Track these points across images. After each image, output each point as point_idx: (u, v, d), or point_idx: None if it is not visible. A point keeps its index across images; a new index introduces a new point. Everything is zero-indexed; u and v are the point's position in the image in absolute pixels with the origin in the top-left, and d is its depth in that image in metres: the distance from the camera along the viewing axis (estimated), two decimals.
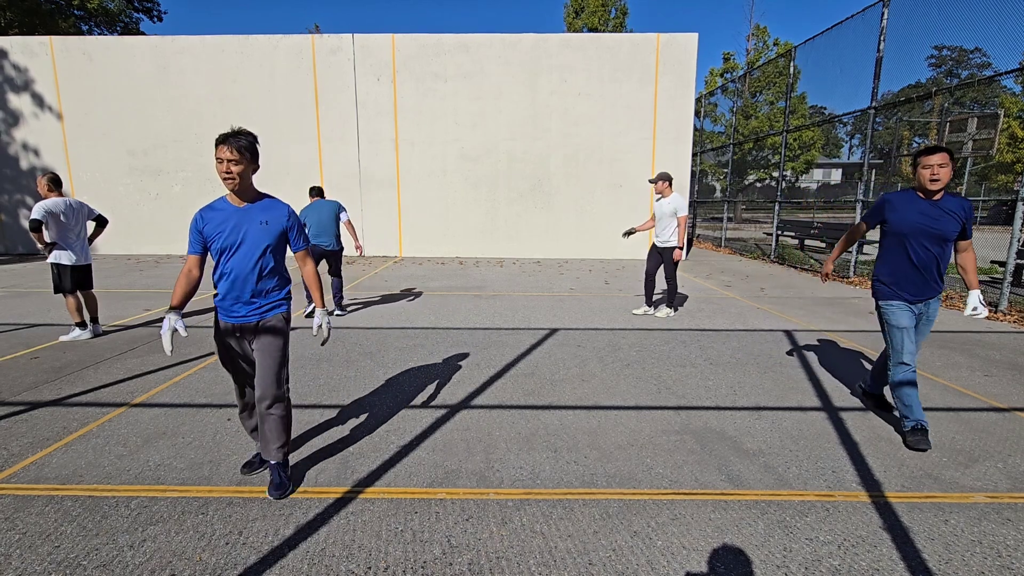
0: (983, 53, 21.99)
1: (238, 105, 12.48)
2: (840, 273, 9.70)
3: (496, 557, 2.11)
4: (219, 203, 2.47)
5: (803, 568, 2.05)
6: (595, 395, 3.87)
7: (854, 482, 2.68)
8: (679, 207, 6.03)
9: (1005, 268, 6.69)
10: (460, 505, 2.46)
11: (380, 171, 12.76)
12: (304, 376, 4.23)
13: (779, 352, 4.96)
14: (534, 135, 12.56)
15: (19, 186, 12.94)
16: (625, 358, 4.76)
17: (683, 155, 12.47)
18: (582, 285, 8.75)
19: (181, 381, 4.08)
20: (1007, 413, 3.58)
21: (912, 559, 2.11)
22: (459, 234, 12.99)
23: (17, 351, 4.85)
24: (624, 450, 3.01)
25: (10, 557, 2.09)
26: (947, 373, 4.39)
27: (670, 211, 6.06)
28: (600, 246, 12.89)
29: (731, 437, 3.18)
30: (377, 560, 2.09)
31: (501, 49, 12.26)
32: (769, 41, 26.55)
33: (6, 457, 2.89)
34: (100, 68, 12.42)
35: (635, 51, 12.17)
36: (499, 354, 4.84)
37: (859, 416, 3.51)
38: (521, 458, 2.91)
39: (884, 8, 8.54)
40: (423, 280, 9.15)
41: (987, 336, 5.61)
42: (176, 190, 12.72)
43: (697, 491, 2.59)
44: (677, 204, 6.04)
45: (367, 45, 12.27)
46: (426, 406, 3.64)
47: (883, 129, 28.18)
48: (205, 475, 2.71)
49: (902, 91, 13.89)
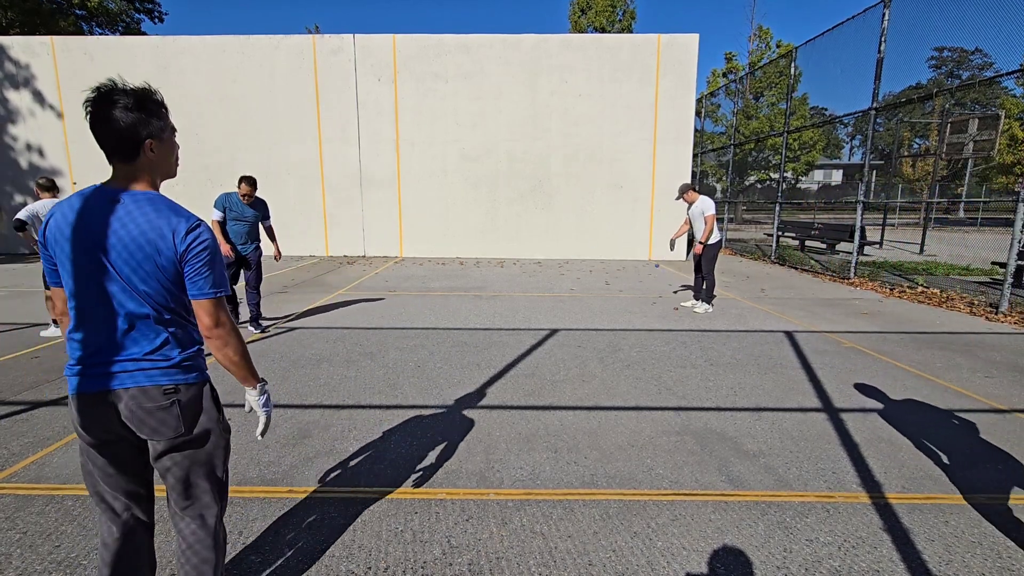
0: (984, 54, 22.00)
1: (239, 105, 12.49)
2: (840, 274, 9.70)
3: (496, 557, 2.11)
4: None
5: (803, 569, 2.05)
6: (595, 396, 3.86)
7: (854, 483, 2.68)
8: (706, 207, 6.55)
9: (1006, 269, 6.68)
10: (460, 505, 2.46)
11: (380, 171, 12.77)
12: (304, 376, 4.23)
13: (779, 353, 4.96)
14: (534, 135, 12.56)
15: (20, 186, 12.96)
16: (625, 359, 4.76)
17: (684, 156, 12.47)
18: (582, 286, 8.75)
19: None
20: (1008, 414, 3.58)
21: (912, 560, 2.11)
22: (459, 234, 13.00)
23: (18, 351, 4.86)
24: (624, 451, 3.01)
25: (11, 556, 2.09)
26: (948, 374, 4.39)
27: (699, 212, 6.60)
28: (600, 246, 12.89)
29: (731, 438, 3.18)
30: (377, 560, 2.09)
31: (502, 49, 12.27)
32: (772, 42, 26.57)
33: (7, 456, 2.89)
34: (101, 68, 12.43)
35: (636, 52, 12.17)
36: (499, 354, 4.84)
37: (860, 417, 3.50)
38: (521, 458, 2.91)
39: (885, 9, 8.54)
40: (423, 280, 9.15)
41: (988, 337, 5.61)
42: (177, 190, 12.71)
43: (697, 492, 2.59)
44: (704, 205, 6.57)
45: (368, 45, 12.28)
46: (426, 406, 3.64)
47: (884, 130, 28.19)
48: None
49: (903, 92, 13.91)
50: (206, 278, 1.44)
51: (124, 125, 1.37)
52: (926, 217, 15.55)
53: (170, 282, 1.43)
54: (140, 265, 1.38)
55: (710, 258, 6.65)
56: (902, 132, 25.28)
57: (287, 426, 3.29)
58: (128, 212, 1.39)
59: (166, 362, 1.45)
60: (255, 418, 1.40)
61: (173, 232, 1.39)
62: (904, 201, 21.77)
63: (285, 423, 3.34)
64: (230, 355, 1.51)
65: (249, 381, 1.59)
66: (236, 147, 12.60)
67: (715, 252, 6.67)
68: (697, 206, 6.60)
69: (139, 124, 1.39)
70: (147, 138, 1.41)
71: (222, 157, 12.65)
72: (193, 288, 1.44)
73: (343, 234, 12.98)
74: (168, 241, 1.39)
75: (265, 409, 1.63)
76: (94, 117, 1.37)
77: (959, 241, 16.32)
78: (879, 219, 19.36)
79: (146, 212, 1.40)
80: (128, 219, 1.38)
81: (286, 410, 3.55)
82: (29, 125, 12.71)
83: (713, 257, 6.65)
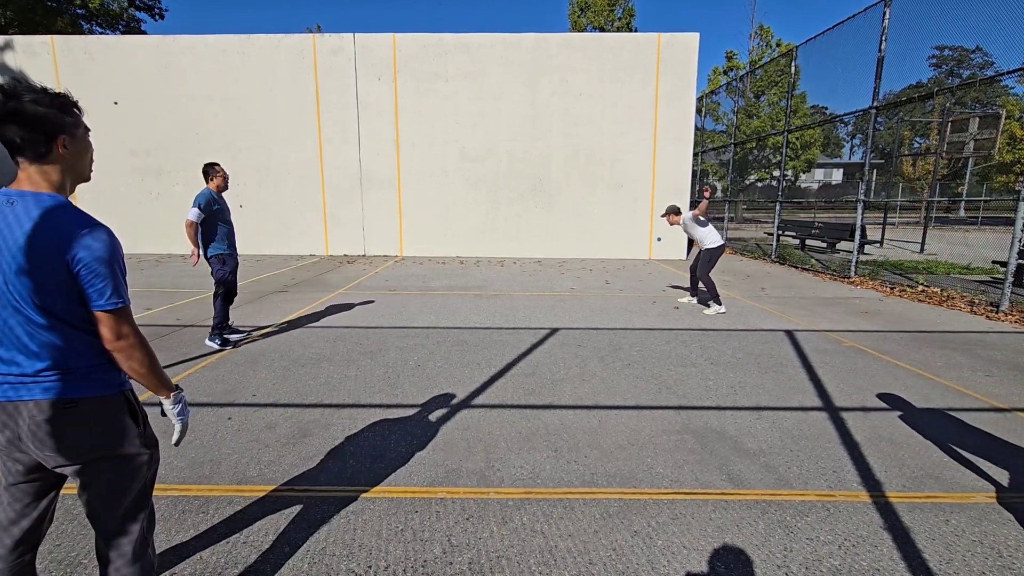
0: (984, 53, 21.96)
1: (239, 105, 12.49)
2: (841, 273, 9.69)
3: (496, 556, 2.11)
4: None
5: (804, 568, 2.05)
6: (596, 395, 3.86)
7: (855, 482, 2.68)
8: (686, 220, 6.86)
9: (1006, 268, 6.68)
10: (460, 504, 2.46)
11: (381, 171, 12.76)
12: (304, 375, 4.23)
13: (780, 352, 4.96)
14: (535, 135, 12.56)
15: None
16: (626, 358, 4.76)
17: (684, 155, 12.46)
18: (583, 285, 8.75)
19: (181, 381, 4.08)
20: (1008, 413, 3.57)
21: (913, 559, 2.11)
22: (460, 234, 12.99)
23: None
24: (625, 450, 3.01)
25: None
26: (948, 373, 4.39)
27: (685, 227, 6.95)
28: (601, 246, 12.88)
29: (732, 437, 3.18)
30: (378, 559, 2.09)
31: (502, 49, 12.26)
32: (772, 41, 26.55)
33: None
34: (102, 67, 12.43)
35: (636, 51, 12.16)
36: (500, 354, 4.84)
37: (860, 416, 3.50)
38: (521, 457, 2.91)
39: (886, 8, 8.53)
40: (424, 280, 9.15)
41: (988, 336, 5.61)
42: (177, 190, 12.72)
43: (698, 491, 2.59)
44: (686, 221, 6.88)
45: (368, 45, 12.27)
46: (426, 405, 3.64)
47: (884, 129, 28.16)
48: (206, 474, 2.71)
49: (903, 91, 13.88)
50: (101, 289, 1.34)
51: (35, 118, 1.29)
52: (926, 216, 15.54)
53: (66, 291, 1.33)
54: (32, 273, 1.29)
55: (706, 260, 6.70)
56: (902, 131, 25.26)
57: (287, 425, 3.30)
58: (23, 215, 1.30)
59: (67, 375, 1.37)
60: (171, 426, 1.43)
61: (70, 237, 1.30)
62: (904, 200, 21.75)
63: (285, 422, 3.34)
64: (135, 367, 1.43)
65: (161, 391, 1.53)
66: (236, 147, 12.59)
67: (712, 255, 6.70)
68: (684, 224, 6.91)
69: (51, 118, 1.32)
70: (59, 133, 1.34)
71: (222, 157, 12.62)
72: (93, 299, 1.34)
73: (343, 233, 12.98)
74: (63, 247, 1.29)
75: (180, 417, 1.59)
76: (2, 111, 1.27)
77: (959, 240, 16.32)
78: (879, 218, 19.34)
79: (44, 216, 1.30)
80: (19, 223, 1.29)
81: (286, 409, 3.55)
82: None
83: (710, 260, 6.69)
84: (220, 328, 4.95)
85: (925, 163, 28.18)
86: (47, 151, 1.34)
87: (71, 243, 1.30)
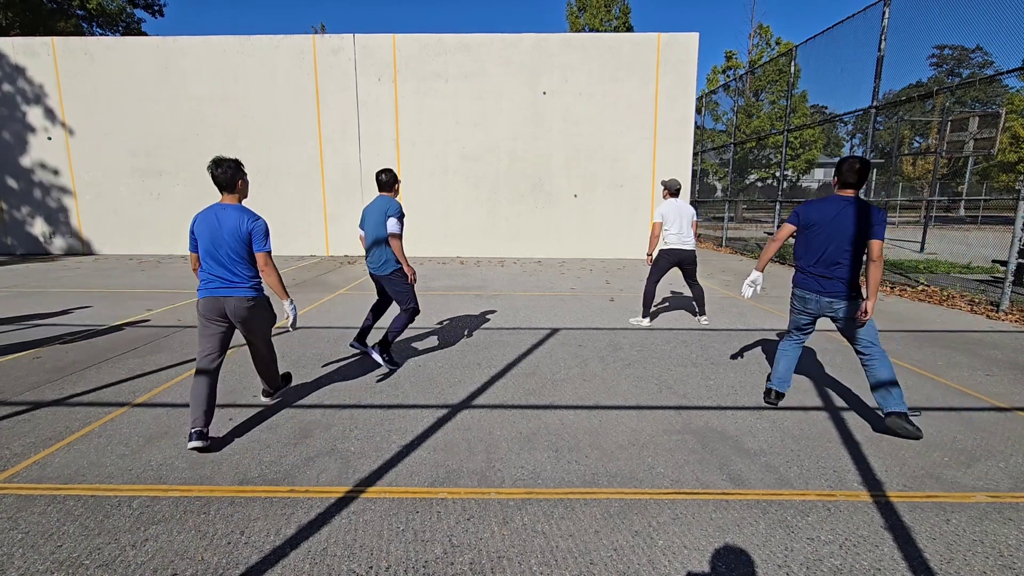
0: (984, 52, 21.96)
1: (239, 105, 12.49)
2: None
3: (497, 556, 2.11)
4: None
5: (804, 568, 2.05)
6: (596, 395, 3.87)
7: (855, 482, 2.68)
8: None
9: (1007, 267, 6.67)
10: (461, 504, 2.47)
11: None
12: (305, 375, 4.23)
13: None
14: (535, 135, 12.56)
15: (21, 186, 12.96)
16: (626, 358, 4.76)
17: (684, 155, 12.46)
18: (583, 285, 8.75)
19: (183, 381, 4.08)
20: (1009, 413, 3.57)
21: (914, 559, 2.11)
22: (460, 234, 12.99)
23: (20, 351, 4.86)
24: (625, 450, 3.01)
25: (12, 556, 2.09)
26: (949, 373, 4.38)
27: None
28: (601, 246, 12.88)
29: (732, 437, 3.18)
30: (378, 559, 2.09)
31: (502, 49, 12.26)
32: (772, 39, 26.54)
33: (8, 457, 2.90)
34: (102, 68, 12.43)
35: (636, 51, 12.16)
36: (500, 354, 4.84)
37: (861, 416, 3.50)
38: (522, 458, 2.92)
39: (885, 7, 8.52)
40: (424, 280, 9.14)
41: (989, 336, 5.60)
42: (178, 190, 12.72)
43: (698, 491, 2.59)
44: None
45: (368, 45, 12.27)
46: (427, 405, 3.64)
47: (884, 129, 28.13)
48: (207, 474, 2.71)
49: (903, 90, 13.88)
50: (258, 242, 3.11)
51: (233, 170, 3.11)
52: (927, 215, 15.53)
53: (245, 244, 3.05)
54: (233, 235, 3.00)
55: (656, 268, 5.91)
56: (902, 130, 25.24)
57: (288, 426, 3.30)
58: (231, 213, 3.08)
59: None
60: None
61: (246, 221, 3.05)
62: (904, 199, 21.73)
63: (286, 423, 3.34)
64: (271, 283, 3.14)
65: (284, 296, 3.19)
66: (236, 147, 12.58)
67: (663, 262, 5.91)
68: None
69: (238, 173, 3.12)
70: (239, 180, 3.14)
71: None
72: (256, 247, 3.09)
73: (344, 234, 12.98)
74: (243, 225, 3.03)
75: (294, 312, 3.30)
76: (232, 171, 3.10)
77: (960, 239, 16.30)
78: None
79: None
80: (228, 218, 3.05)
81: (287, 409, 3.55)
82: (29, 125, 12.70)
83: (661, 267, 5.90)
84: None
85: (925, 162, 28.18)
86: (234, 187, 3.08)
87: (246, 223, 3.02)
